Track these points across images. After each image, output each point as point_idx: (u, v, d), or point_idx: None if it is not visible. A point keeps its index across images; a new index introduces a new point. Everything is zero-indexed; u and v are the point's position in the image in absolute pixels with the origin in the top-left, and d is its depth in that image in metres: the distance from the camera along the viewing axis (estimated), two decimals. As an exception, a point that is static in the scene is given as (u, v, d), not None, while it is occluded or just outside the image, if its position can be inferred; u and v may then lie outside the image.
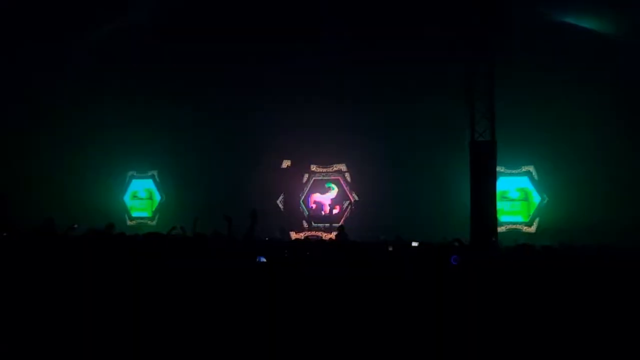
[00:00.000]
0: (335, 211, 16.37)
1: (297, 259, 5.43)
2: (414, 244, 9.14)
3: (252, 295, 4.42)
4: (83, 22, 15.52)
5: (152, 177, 18.11)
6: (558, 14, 13.39)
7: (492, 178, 11.20)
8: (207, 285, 4.51)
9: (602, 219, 12.41)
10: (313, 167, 16.64)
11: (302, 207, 16.65)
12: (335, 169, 16.46)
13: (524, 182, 14.63)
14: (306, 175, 16.65)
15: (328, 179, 16.51)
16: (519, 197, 14.65)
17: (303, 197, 16.66)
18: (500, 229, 12.72)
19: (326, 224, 16.39)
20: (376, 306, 4.21)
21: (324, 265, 5.11)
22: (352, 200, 16.18)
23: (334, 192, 16.42)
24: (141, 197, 18.24)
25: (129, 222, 17.87)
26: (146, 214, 18.14)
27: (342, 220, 15.86)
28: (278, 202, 16.64)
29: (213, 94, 16.17)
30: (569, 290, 4.10)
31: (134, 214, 18.20)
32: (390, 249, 7.18)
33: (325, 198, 16.50)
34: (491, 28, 11.26)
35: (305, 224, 16.59)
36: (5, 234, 7.27)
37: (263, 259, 6.00)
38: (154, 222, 17.73)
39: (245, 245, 5.97)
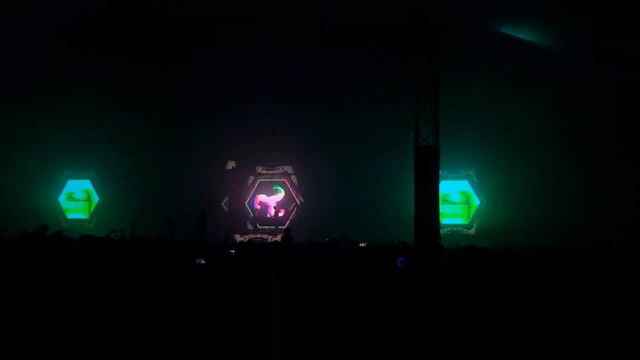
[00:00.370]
0: (280, 214, 16.28)
1: (274, 260, 5.43)
2: (362, 245, 9.26)
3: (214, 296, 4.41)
4: (13, 17, 14.73)
5: (90, 177, 17.36)
6: (497, 24, 13.91)
7: (436, 182, 11.50)
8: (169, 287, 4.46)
9: (538, 222, 13.00)
10: (259, 169, 16.49)
11: (247, 209, 16.47)
12: (281, 170, 16.38)
13: (465, 186, 15.08)
14: (252, 177, 16.48)
15: (274, 181, 16.41)
16: (460, 200, 15.08)
17: (248, 199, 16.47)
18: (441, 231, 13.08)
19: (271, 227, 16.27)
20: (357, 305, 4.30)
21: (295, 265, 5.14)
22: (298, 203, 16.15)
23: (280, 195, 16.32)
24: (78, 198, 17.46)
25: (64, 225, 17.06)
26: (83, 215, 17.36)
27: (287, 223, 15.81)
28: (223, 203, 16.37)
29: (155, 93, 15.76)
30: (515, 291, 4.29)
31: (70, 216, 17.39)
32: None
33: (270, 200, 16.39)
34: (436, 36, 11.56)
35: (250, 226, 16.41)
36: None
37: (202, 261, 5.90)
38: (92, 225, 17.01)
39: (196, 247, 5.85)
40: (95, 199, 17.30)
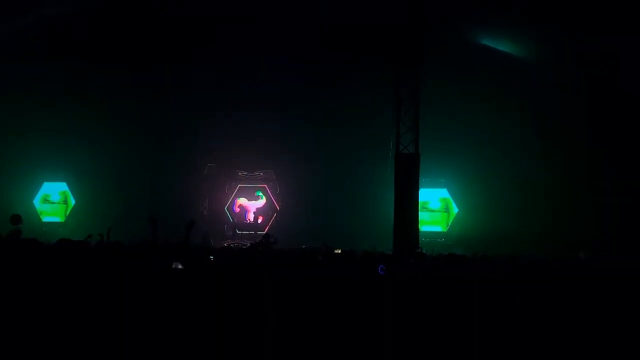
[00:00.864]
0: (259, 220, 16.20)
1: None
2: (337, 251, 9.23)
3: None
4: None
5: (67, 180, 17.06)
6: (479, 36, 14.11)
7: (416, 190, 11.54)
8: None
9: (516, 229, 13.16)
10: (240, 173, 16.41)
11: (226, 213, 16.35)
12: (261, 175, 16.32)
13: (444, 193, 15.22)
14: (232, 182, 16.39)
15: (256, 187, 16.33)
16: (439, 208, 15.21)
17: (228, 203, 16.36)
18: (420, 239, 13.18)
19: (250, 232, 16.18)
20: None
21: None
22: (278, 208, 16.10)
23: (261, 202, 16.25)
24: (53, 200, 17.13)
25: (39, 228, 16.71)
26: (58, 219, 17.04)
27: (266, 229, 15.74)
28: (202, 208, 16.23)
29: (136, 95, 15.59)
30: (504, 298, 4.37)
31: (45, 219, 17.04)
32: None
33: (250, 204, 16.30)
34: (419, 45, 11.65)
35: (228, 232, 16.30)
36: None
37: (180, 266, 5.86)
38: (67, 228, 16.70)
39: (180, 253, 5.79)
40: (72, 202, 17.00)
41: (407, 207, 11.32)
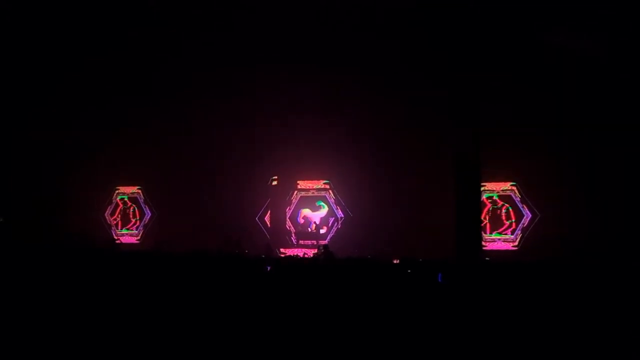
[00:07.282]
0: (322, 231, 16.24)
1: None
2: (395, 261, 9.22)
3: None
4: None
5: (138, 194, 17.94)
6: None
7: (477, 196, 11.31)
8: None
9: (584, 235, 12.57)
10: (300, 184, 16.63)
11: (288, 223, 16.60)
12: (322, 186, 16.46)
13: (508, 199, 14.75)
14: (294, 192, 16.63)
15: (316, 196, 16.47)
16: (503, 214, 14.74)
17: (290, 213, 16.61)
18: (484, 245, 12.83)
19: (313, 241, 16.32)
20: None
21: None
22: (338, 217, 16.17)
23: (324, 211, 16.34)
24: (126, 213, 18.04)
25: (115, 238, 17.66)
26: (131, 230, 17.92)
27: (327, 239, 15.82)
28: (265, 218, 16.56)
29: (200, 109, 16.14)
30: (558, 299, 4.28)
31: (117, 231, 17.98)
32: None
33: (315, 215, 16.42)
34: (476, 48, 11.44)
35: (292, 241, 16.50)
36: None
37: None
38: (138, 239, 17.54)
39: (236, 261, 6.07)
40: (143, 214, 17.80)
41: (469, 214, 11.10)
